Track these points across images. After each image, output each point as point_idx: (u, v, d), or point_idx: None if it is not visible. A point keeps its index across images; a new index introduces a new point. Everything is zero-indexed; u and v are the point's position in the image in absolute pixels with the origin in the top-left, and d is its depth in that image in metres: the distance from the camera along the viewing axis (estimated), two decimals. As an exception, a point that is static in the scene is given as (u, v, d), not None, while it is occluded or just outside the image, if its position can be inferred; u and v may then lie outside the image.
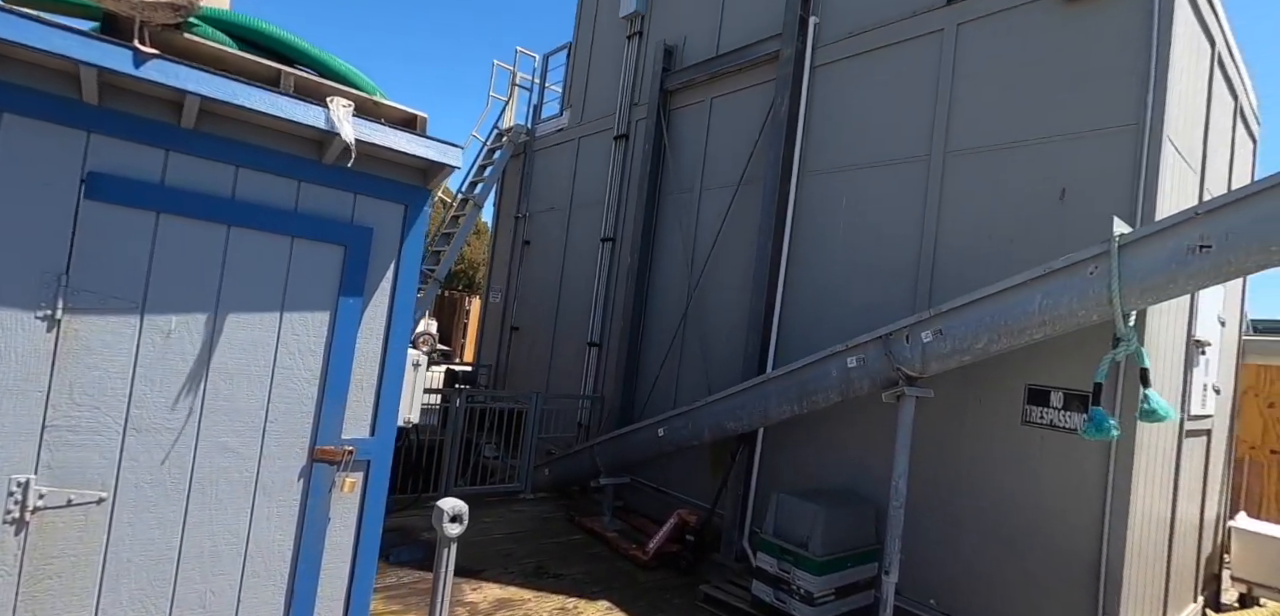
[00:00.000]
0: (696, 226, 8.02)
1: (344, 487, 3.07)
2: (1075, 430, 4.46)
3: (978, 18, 5.51)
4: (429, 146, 3.07)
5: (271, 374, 2.88)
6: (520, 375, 11.19)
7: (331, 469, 3.06)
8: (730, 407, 5.95)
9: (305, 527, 2.98)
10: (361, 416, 3.15)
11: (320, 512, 3.01)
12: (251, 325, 2.83)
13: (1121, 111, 4.57)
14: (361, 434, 3.14)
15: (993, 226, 5.15)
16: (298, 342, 2.94)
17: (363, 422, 3.15)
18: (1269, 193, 3.18)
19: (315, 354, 2.99)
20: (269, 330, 2.87)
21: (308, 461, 3.00)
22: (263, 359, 2.86)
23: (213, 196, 2.76)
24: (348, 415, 3.09)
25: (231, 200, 2.79)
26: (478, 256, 37.79)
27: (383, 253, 3.16)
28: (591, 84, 10.68)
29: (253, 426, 2.84)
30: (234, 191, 2.80)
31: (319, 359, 3.00)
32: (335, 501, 3.07)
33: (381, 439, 3.20)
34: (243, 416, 2.81)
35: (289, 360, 2.92)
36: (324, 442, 3.02)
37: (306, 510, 2.99)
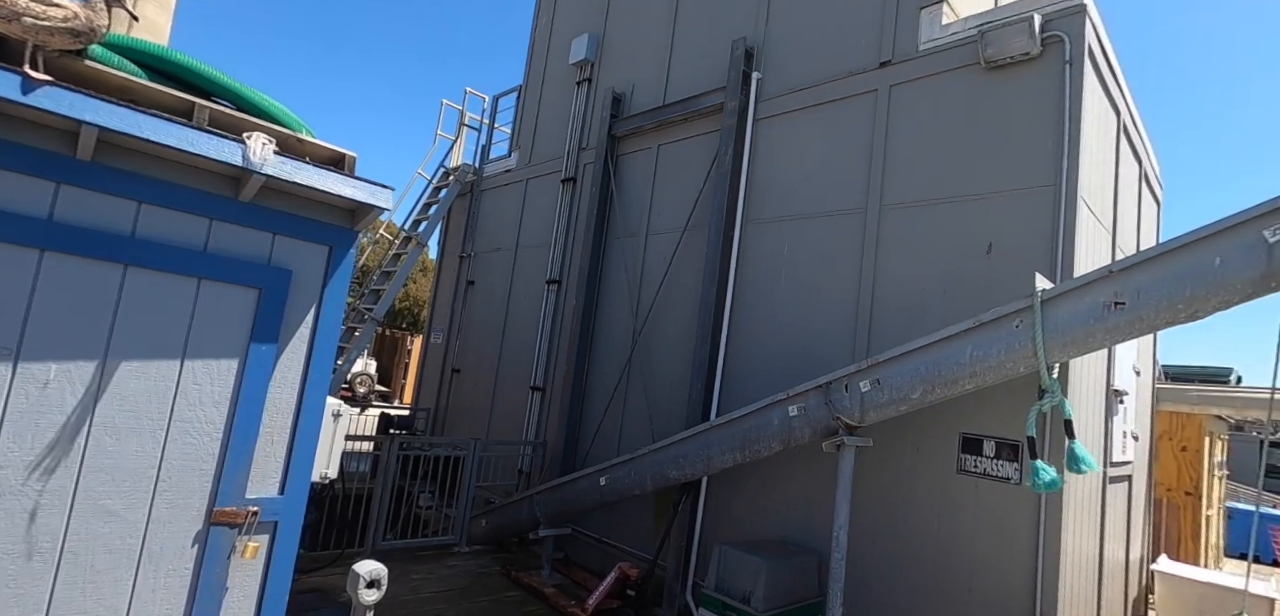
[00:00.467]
0: (642, 271, 8.01)
1: (245, 553, 2.80)
2: (1009, 479, 4.57)
3: (909, 80, 5.78)
4: (357, 187, 2.92)
5: (167, 428, 2.63)
6: (460, 419, 10.81)
7: (232, 532, 2.79)
8: (673, 456, 5.85)
9: (198, 600, 2.69)
10: (270, 473, 2.90)
11: (216, 582, 2.73)
12: (146, 374, 2.58)
13: (1040, 173, 4.83)
14: (269, 492, 2.89)
15: (926, 277, 5.31)
16: (200, 393, 2.70)
17: (271, 480, 2.91)
18: (1174, 254, 3.39)
19: (220, 405, 2.75)
20: (167, 379, 2.63)
21: (204, 525, 2.73)
22: (157, 411, 2.60)
23: (109, 234, 2.53)
24: (254, 472, 2.84)
25: (131, 238, 2.56)
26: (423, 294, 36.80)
27: (303, 296, 2.97)
28: (541, 127, 10.67)
29: (141, 487, 2.56)
30: (134, 229, 2.58)
31: (224, 411, 2.76)
32: (235, 568, 2.80)
33: (292, 497, 2.96)
34: (129, 476, 2.54)
35: (189, 412, 2.67)
36: (225, 503, 2.76)
37: (200, 580, 2.70)
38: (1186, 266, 3.34)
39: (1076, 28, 4.91)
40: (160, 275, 2.60)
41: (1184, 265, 3.35)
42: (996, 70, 5.20)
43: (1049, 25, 4.98)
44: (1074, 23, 4.92)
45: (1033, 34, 4.95)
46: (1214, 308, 3.30)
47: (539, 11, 11.39)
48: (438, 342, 12.06)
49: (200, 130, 2.51)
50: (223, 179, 2.76)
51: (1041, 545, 4.43)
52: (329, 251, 3.05)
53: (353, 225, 3.12)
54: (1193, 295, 3.32)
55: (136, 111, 2.38)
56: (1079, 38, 4.87)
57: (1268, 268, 3.11)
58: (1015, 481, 4.56)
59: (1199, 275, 3.30)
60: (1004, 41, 5.09)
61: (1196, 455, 10.77)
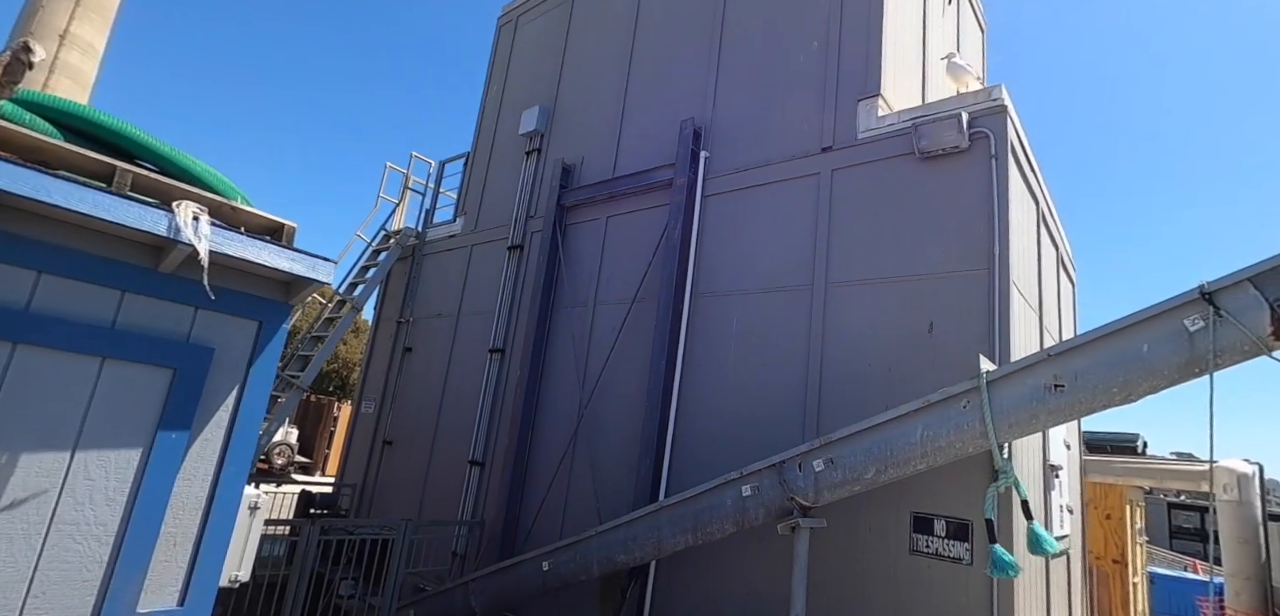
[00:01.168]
0: (590, 342, 7.87)
1: (136, 679, 2.40)
2: (960, 559, 4.58)
3: (849, 166, 6.05)
4: (296, 260, 2.70)
5: (46, 532, 2.26)
6: (390, 496, 10.12)
7: (122, 653, 2.39)
8: (622, 538, 5.60)
9: (72, 740, 2.27)
10: (169, 581, 2.54)
11: (97, 717, 2.31)
12: (26, 469, 2.23)
13: (975, 257, 5.08)
14: (166, 603, 2.52)
15: (872, 354, 5.42)
16: (90, 490, 2.35)
17: (170, 589, 2.54)
18: (1105, 340, 3.56)
19: (114, 503, 2.40)
20: (50, 475, 2.27)
21: (85, 647, 2.33)
22: (35, 513, 2.24)
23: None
24: (150, 580, 2.48)
25: (24, 312, 2.25)
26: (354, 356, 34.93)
27: (224, 377, 2.68)
28: (488, 193, 10.56)
29: (4, 607, 2.17)
30: (30, 301, 2.27)
31: (119, 510, 2.41)
32: (122, 698, 2.38)
33: (194, 608, 2.59)
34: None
35: (75, 512, 2.31)
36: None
37: (77, 715, 2.28)
38: (1117, 352, 3.52)
39: (999, 125, 5.28)
40: (55, 355, 2.29)
41: (1115, 351, 3.53)
42: (930, 160, 5.51)
43: (975, 122, 5.34)
44: (997, 121, 5.30)
45: (961, 129, 5.29)
46: (1146, 391, 3.47)
47: (490, 81, 11.46)
48: (369, 412, 11.39)
49: (120, 196, 2.26)
50: (141, 248, 2.49)
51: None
52: (258, 327, 2.79)
53: (287, 299, 2.88)
54: (1125, 380, 3.48)
55: (42, 173, 2.12)
56: (1002, 134, 5.24)
57: (1190, 355, 3.31)
58: (966, 562, 4.57)
59: (1129, 361, 3.47)
60: (935, 135, 5.42)
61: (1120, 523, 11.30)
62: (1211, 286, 3.27)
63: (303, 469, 21.95)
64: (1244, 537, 6.61)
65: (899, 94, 6.54)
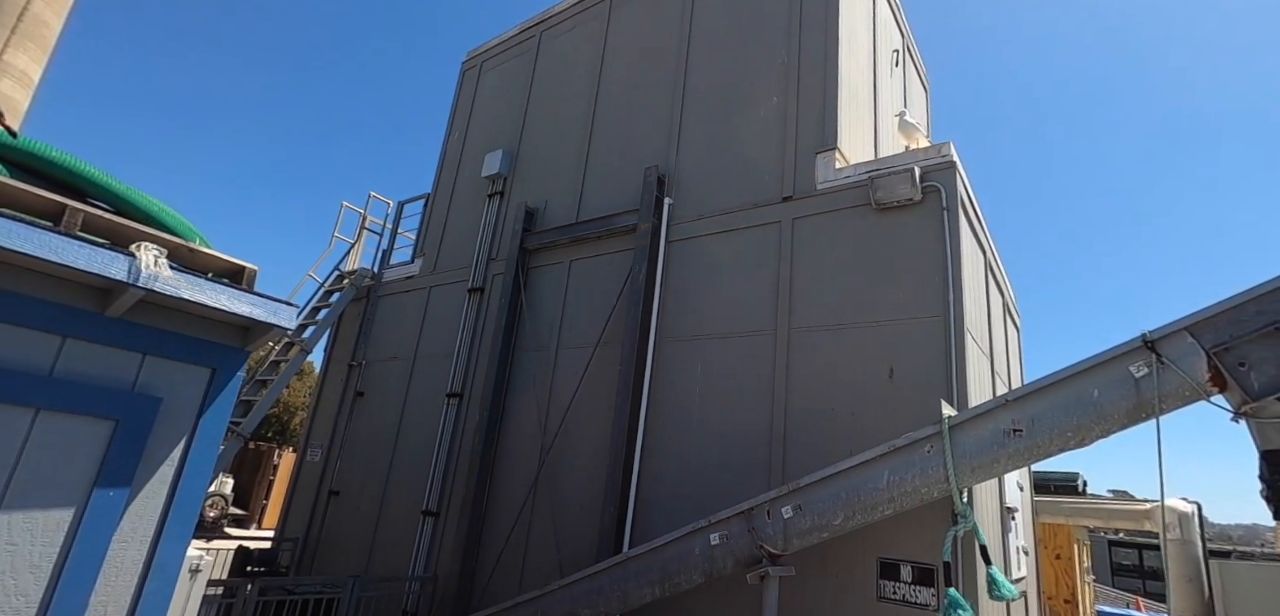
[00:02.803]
0: (551, 386, 7.74)
1: None
2: (927, 605, 4.60)
3: (809, 214, 6.23)
4: (257, 304, 2.57)
5: (-40, 605, 2.02)
6: (336, 551, 9.59)
7: (40, 741, 2.14)
8: (585, 591, 5.43)
9: None
10: (102, 656, 2.30)
11: None
12: (-60, 534, 2.01)
13: (930, 304, 5.26)
14: (98, 681, 2.28)
15: (835, 398, 5.50)
16: (14, 556, 2.14)
17: (103, 665, 2.30)
18: (1059, 385, 3.72)
19: (39, 570, 2.18)
20: (-31, 540, 2.05)
21: (-1, 735, 2.08)
22: (-51, 584, 2.01)
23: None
24: (78, 656, 2.24)
25: (-56, 358, 2.06)
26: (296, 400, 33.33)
27: (171, 427, 2.51)
28: (448, 235, 10.41)
29: (-92, 693, 1.92)
30: (-49, 346, 2.08)
31: (44, 579, 2.19)
32: None
33: (130, 686, 2.35)
34: (-107, 678, 1.90)
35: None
36: (34, 702, 2.13)
37: None
38: (1071, 397, 3.67)
39: (949, 180, 5.55)
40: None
41: (1068, 396, 3.68)
42: (885, 211, 5.73)
43: (927, 177, 5.60)
44: (947, 176, 5.57)
45: (914, 183, 5.53)
46: (1099, 435, 3.61)
47: (453, 123, 11.42)
48: (315, 460, 10.84)
49: (70, 237, 2.12)
50: (88, 290, 2.33)
51: (959, 672, 4.43)
52: (211, 375, 2.62)
53: (244, 344, 2.73)
54: (1079, 424, 3.62)
55: (-22, 209, 1.97)
56: (953, 188, 5.50)
57: (1137, 400, 3.47)
58: (933, 608, 4.60)
59: (1081, 406, 3.62)
60: (890, 188, 5.65)
61: (1069, 562, 11.66)
62: (1153, 335, 3.47)
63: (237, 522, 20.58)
64: (1188, 575, 6.89)
65: (854, 148, 6.82)
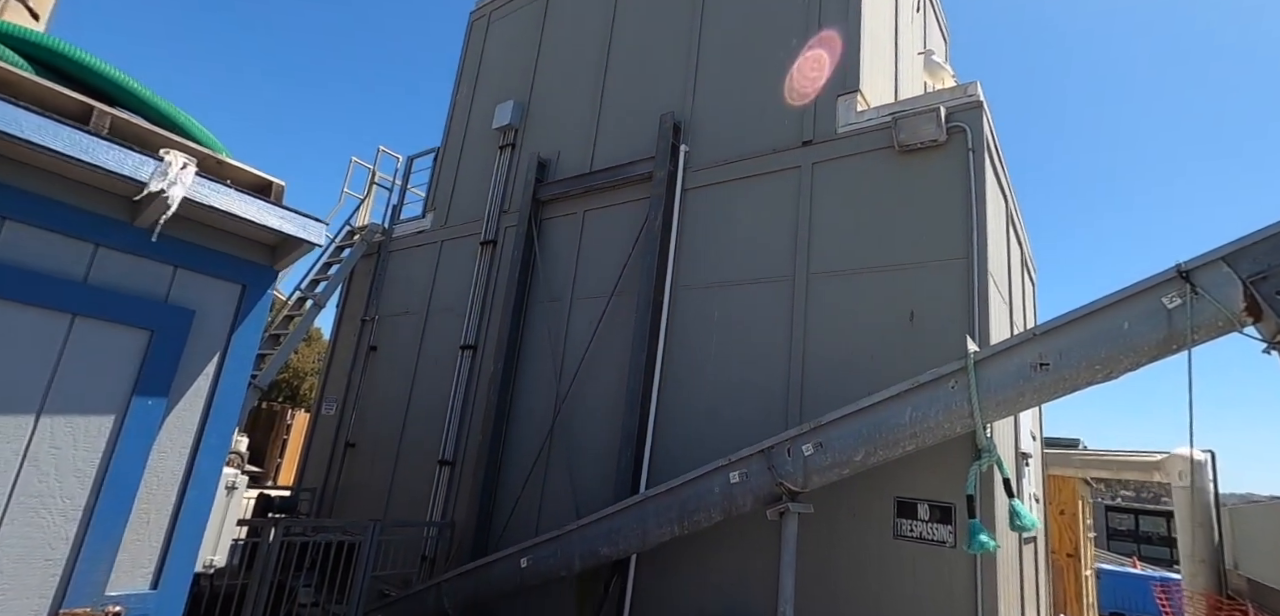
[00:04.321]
0: (566, 337, 7.75)
1: (104, 666, 2.20)
2: (944, 543, 4.64)
3: (829, 159, 6.13)
4: (286, 218, 2.55)
5: (5, 506, 2.05)
6: (354, 500, 9.74)
7: (88, 640, 2.19)
8: (605, 530, 5.50)
9: (33, 733, 2.05)
10: (142, 560, 2.34)
11: (62, 708, 2.11)
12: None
13: (953, 247, 5.20)
14: (138, 586, 2.32)
15: (855, 344, 5.48)
16: (58, 459, 2.15)
17: (143, 570, 2.34)
18: (1088, 318, 3.68)
19: (83, 476, 2.20)
20: (13, 440, 2.07)
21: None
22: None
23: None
24: (122, 559, 2.28)
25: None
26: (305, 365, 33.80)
27: (205, 342, 2.51)
28: (459, 189, 10.34)
29: (-40, 584, 1.96)
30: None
31: (88, 483, 2.21)
32: (89, 688, 2.18)
33: (169, 592, 2.40)
34: (-54, 568, 1.94)
35: (40, 483, 2.11)
36: (76, 602, 2.18)
37: (38, 706, 2.07)
38: (1100, 330, 3.63)
39: (976, 120, 5.44)
40: (19, 308, 2.09)
41: (1097, 328, 3.64)
42: (909, 154, 5.63)
43: (953, 117, 5.48)
44: (974, 116, 5.45)
45: (939, 124, 5.42)
46: (1127, 367, 3.58)
47: (461, 76, 11.26)
48: (330, 414, 10.96)
49: (99, 138, 2.09)
50: (117, 200, 2.31)
51: (980, 609, 4.48)
52: (242, 291, 2.62)
53: (274, 263, 2.71)
54: (1107, 356, 3.59)
55: (14, 106, 1.94)
56: (979, 129, 5.39)
57: (1169, 331, 3.43)
58: (950, 545, 4.64)
59: (1111, 338, 3.59)
60: (914, 129, 5.54)
61: (1073, 518, 11.74)
62: (1188, 265, 3.41)
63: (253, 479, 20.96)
64: (1199, 521, 6.92)
65: (875, 91, 6.68)
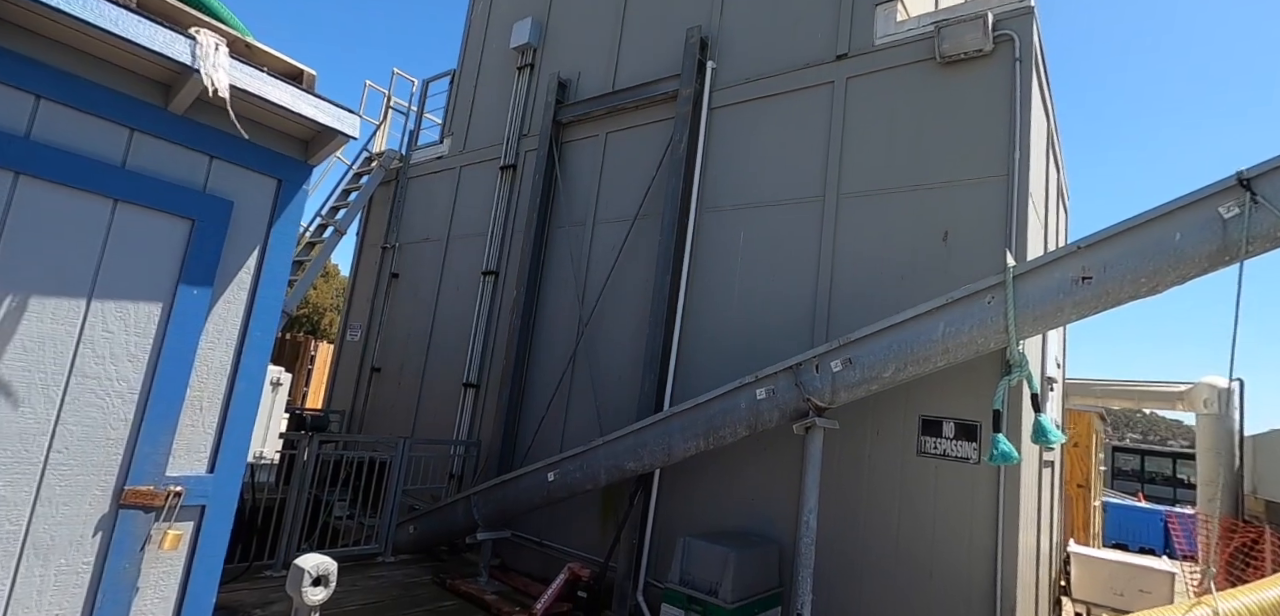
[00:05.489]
0: (588, 261, 7.72)
1: (164, 543, 2.29)
2: (967, 460, 4.66)
3: (865, 73, 5.89)
4: (320, 107, 2.49)
5: (65, 385, 2.09)
6: (381, 421, 10.00)
7: (147, 518, 2.27)
8: (631, 445, 5.59)
9: (99, 601, 2.15)
10: (198, 447, 2.40)
11: (124, 579, 2.20)
12: (38, 313, 2.05)
13: (994, 164, 5.02)
14: (195, 470, 2.39)
15: (884, 265, 5.39)
16: (110, 344, 2.18)
17: (199, 455, 2.40)
18: (1138, 230, 3.56)
19: (137, 360, 2.23)
20: (67, 322, 2.09)
21: (111, 508, 2.20)
22: (52, 363, 2.07)
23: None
24: (179, 444, 2.34)
25: (24, 139, 2.03)
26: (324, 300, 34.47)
27: (245, 235, 2.50)
28: (476, 113, 10.16)
29: (25, 459, 2.02)
30: (30, 128, 2.04)
31: (142, 367, 2.24)
32: (150, 562, 2.28)
33: (224, 477, 2.46)
34: (9, 442, 1.99)
35: (96, 365, 2.14)
36: (138, 481, 2.24)
37: (104, 577, 2.17)
38: (1149, 242, 3.52)
39: (1025, 28, 5.16)
40: (63, 191, 2.08)
41: (1146, 240, 3.52)
42: (950, 65, 5.38)
43: (1000, 24, 5.21)
44: (1023, 23, 5.17)
45: (986, 31, 5.16)
46: (1173, 281, 3.48)
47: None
48: (355, 340, 11.15)
49: (128, 11, 2.02)
50: (149, 83, 2.26)
51: (1001, 524, 4.53)
52: (278, 186, 2.59)
53: (307, 157, 2.67)
54: (1155, 269, 3.48)
55: (43, -29, 1.88)
56: (1028, 38, 5.12)
57: (1223, 242, 3.31)
58: (974, 461, 4.66)
59: (1160, 250, 3.47)
60: (958, 37, 5.28)
61: (1086, 450, 11.78)
62: (1249, 173, 3.26)
63: (282, 406, 21.64)
64: (1219, 449, 6.90)
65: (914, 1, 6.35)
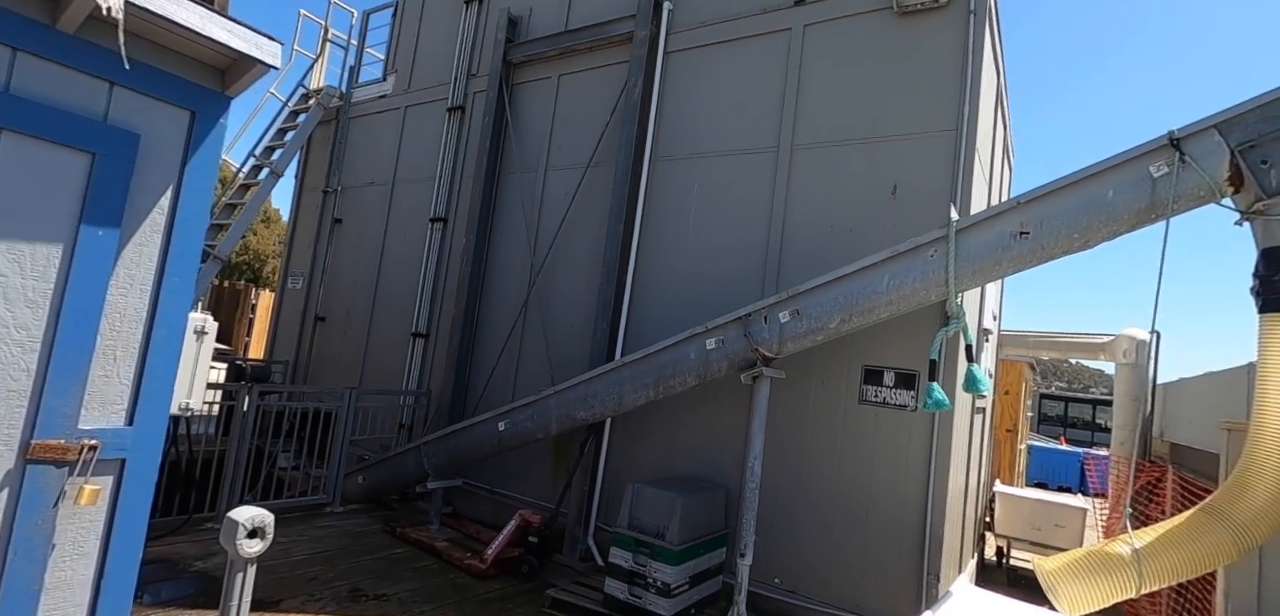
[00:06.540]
0: (541, 208, 7.56)
1: (80, 498, 2.16)
2: (905, 407, 4.84)
3: (822, 20, 5.83)
4: (234, 32, 2.29)
5: (-48, 331, 1.91)
6: (327, 371, 9.72)
7: (60, 473, 2.13)
8: (582, 395, 5.60)
9: (10, 559, 2.03)
10: (114, 398, 2.25)
11: (37, 536, 2.07)
12: (-86, 254, 1.84)
13: (943, 118, 5.09)
14: (113, 422, 2.25)
15: (835, 216, 5.45)
16: (5, 286, 2.00)
17: (116, 407, 2.26)
18: (1073, 187, 3.68)
19: (36, 306, 2.06)
20: (-52, 263, 1.90)
21: (16, 463, 2.05)
22: (-65, 307, 1.88)
23: None
24: (91, 396, 2.19)
25: (-122, 57, 1.79)
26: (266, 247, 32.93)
27: (155, 171, 2.30)
28: (422, 49, 9.66)
29: (-88, 410, 1.85)
30: (-116, 45, 1.80)
31: (43, 314, 2.07)
32: (66, 518, 2.15)
33: (145, 429, 2.33)
34: (-108, 394, 1.82)
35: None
36: (47, 435, 2.10)
37: (14, 534, 2.04)
38: (1083, 199, 3.64)
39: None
40: (-66, 116, 1.85)
41: (1081, 197, 3.65)
42: (906, 16, 5.38)
43: (954, -24, 5.20)
44: (976, -23, 5.18)
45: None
46: (1104, 237, 3.63)
47: (420, -82, 10.22)
48: (297, 288, 10.71)
49: (-2, -94, 1.78)
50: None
51: (933, 468, 4.76)
52: (191, 118, 2.39)
53: (223, 88, 2.47)
54: (1088, 225, 3.62)
55: None
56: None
57: (1151, 200, 3.46)
58: (911, 408, 4.85)
59: (1094, 206, 3.61)
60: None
61: (1016, 398, 12.50)
62: (1180, 133, 3.39)
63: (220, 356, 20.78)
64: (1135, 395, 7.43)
65: (872, -50, 6.27)
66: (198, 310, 19.75)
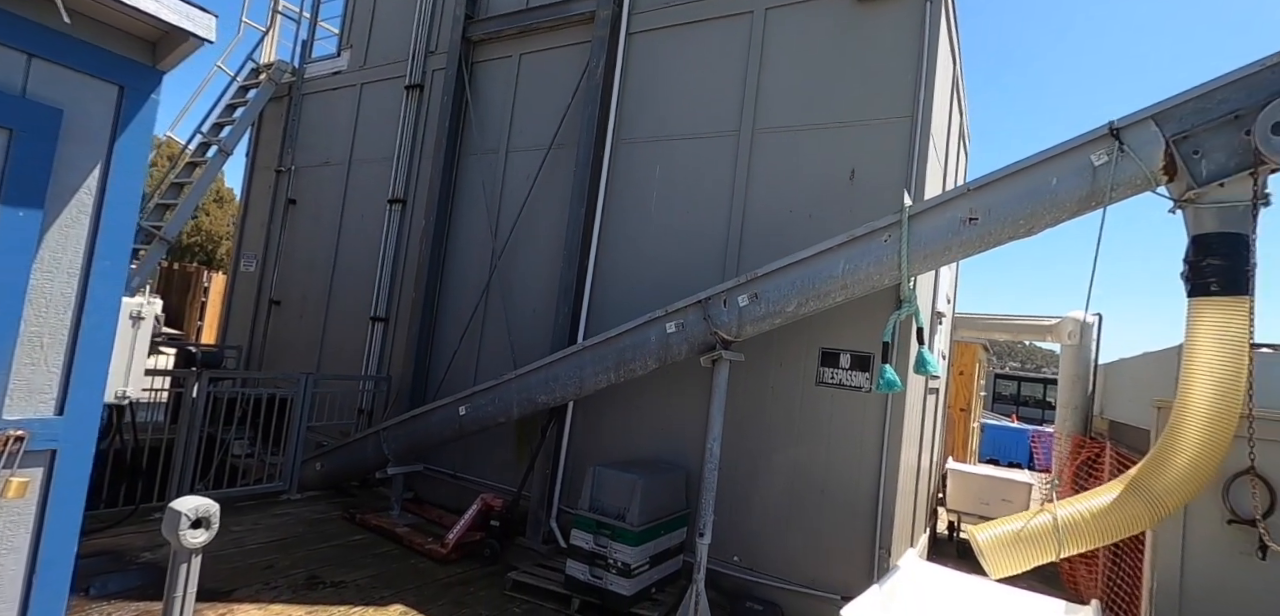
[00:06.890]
0: (502, 190, 7.45)
1: (7, 491, 2.07)
2: (860, 388, 4.96)
3: (784, 4, 5.85)
4: (163, 2, 2.18)
5: None
6: (282, 356, 9.47)
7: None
8: (543, 379, 5.58)
9: (-72, 559, 1.93)
10: (42, 387, 2.16)
11: (-41, 533, 1.98)
12: None
13: (900, 104, 5.17)
14: (40, 412, 2.15)
15: (794, 200, 5.51)
16: (-88, 270, 1.88)
17: (43, 397, 2.16)
18: (1020, 175, 3.79)
19: (-51, 290, 1.94)
20: None
21: (-66, 457, 1.95)
22: None
23: None
24: (16, 385, 2.09)
25: None
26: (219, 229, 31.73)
27: (81, 149, 2.19)
28: (377, 23, 9.37)
29: None
30: None
31: (-43, 298, 1.96)
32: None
33: (76, 420, 2.24)
34: None
35: (-107, 297, 1.85)
36: (-33, 427, 1.99)
37: (-69, 532, 1.94)
38: (1029, 186, 3.76)
39: (936, -31, 5.25)
40: None
41: (1027, 185, 3.77)
42: (866, 2, 5.43)
43: (912, -36, 5.27)
44: (934, -36, 5.25)
45: (897, -30, 5.20)
46: (1047, 224, 3.76)
47: (375, -113, 9.86)
48: (249, 271, 10.37)
49: None
50: (-64, -42, 1.89)
51: (885, 447, 4.90)
52: (119, 93, 2.27)
53: (154, 61, 2.35)
54: (1032, 212, 3.75)
55: None
56: (937, -21, 5.22)
57: (1092, 188, 3.59)
58: (866, 390, 4.97)
59: (1038, 194, 3.73)
60: (872, -25, 5.30)
61: (969, 378, 12.93)
62: (1120, 123, 3.52)
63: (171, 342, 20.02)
64: (1078, 375, 7.76)
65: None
66: (145, 293, 18.98)
